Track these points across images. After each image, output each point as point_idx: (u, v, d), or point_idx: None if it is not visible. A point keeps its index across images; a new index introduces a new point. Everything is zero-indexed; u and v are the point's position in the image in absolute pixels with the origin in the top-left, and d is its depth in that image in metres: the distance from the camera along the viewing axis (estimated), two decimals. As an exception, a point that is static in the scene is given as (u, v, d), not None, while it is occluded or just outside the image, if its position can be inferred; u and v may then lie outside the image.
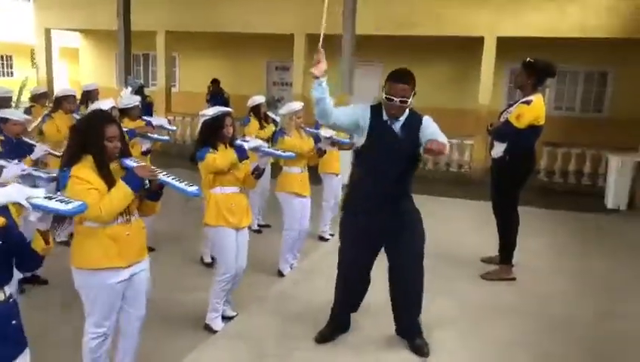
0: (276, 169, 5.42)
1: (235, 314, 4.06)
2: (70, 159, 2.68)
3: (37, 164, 4.18)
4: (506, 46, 9.68)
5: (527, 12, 9.81)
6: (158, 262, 5.32)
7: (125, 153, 2.82)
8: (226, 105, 11.54)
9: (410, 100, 3.12)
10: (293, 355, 3.31)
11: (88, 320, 2.84)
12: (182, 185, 2.80)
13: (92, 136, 2.66)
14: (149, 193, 2.83)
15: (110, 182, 2.67)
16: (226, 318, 4.02)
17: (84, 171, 2.63)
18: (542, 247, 5.75)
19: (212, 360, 3.27)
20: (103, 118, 2.82)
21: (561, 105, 11.64)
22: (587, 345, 3.63)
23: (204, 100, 11.58)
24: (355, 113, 3.24)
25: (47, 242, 2.20)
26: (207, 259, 5.30)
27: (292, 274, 4.86)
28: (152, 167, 2.79)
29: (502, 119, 4.57)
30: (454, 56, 11.56)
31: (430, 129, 3.16)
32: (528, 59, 4.50)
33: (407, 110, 3.20)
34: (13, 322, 2.18)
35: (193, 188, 2.83)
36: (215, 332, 3.82)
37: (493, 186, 4.73)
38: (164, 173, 2.86)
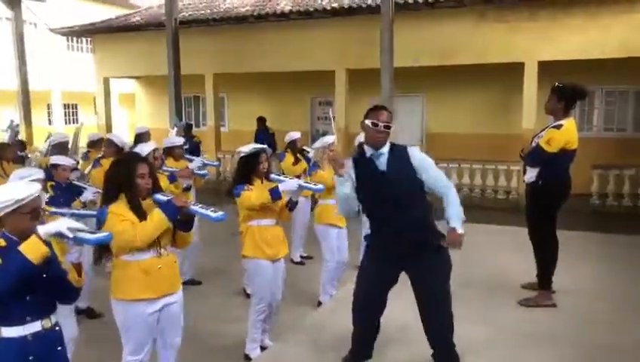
0: (314, 202, 5.59)
1: (271, 343, 4.18)
2: (107, 198, 2.96)
3: (85, 205, 4.48)
4: (549, 69, 9.57)
5: (567, 35, 9.71)
6: (204, 294, 5.58)
7: (156, 189, 3.06)
8: (273, 141, 11.98)
9: (392, 127, 3.25)
10: (324, 383, 3.38)
11: (125, 349, 3.05)
12: (208, 212, 2.98)
13: (124, 175, 2.93)
14: (180, 224, 3.03)
15: (142, 217, 2.90)
16: (264, 348, 4.14)
17: (119, 207, 2.89)
18: (588, 272, 5.57)
19: (245, 387, 3.39)
20: (133, 158, 3.11)
21: (612, 126, 11.29)
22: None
23: (253, 138, 11.99)
24: (350, 177, 3.33)
25: (79, 274, 2.42)
26: (250, 291, 5.46)
27: (328, 304, 4.94)
28: (185, 199, 3.01)
29: (533, 144, 4.56)
30: (497, 83, 11.51)
31: (425, 166, 3.25)
32: (557, 83, 4.50)
33: (389, 143, 3.29)
34: (59, 348, 2.39)
35: (218, 214, 2.99)
36: (252, 361, 3.95)
37: (528, 211, 4.69)
38: (193, 203, 3.07)
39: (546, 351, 3.78)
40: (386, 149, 3.28)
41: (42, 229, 2.16)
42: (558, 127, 4.39)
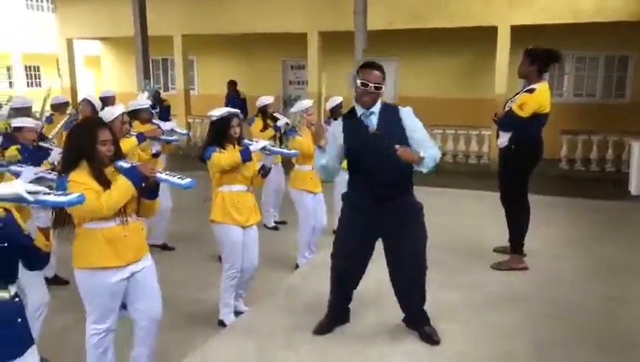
0: (289, 166, 5.52)
1: (247, 309, 4.17)
2: (67, 165, 2.81)
3: (54, 167, 4.33)
4: (521, 34, 9.56)
5: (540, -1, 9.68)
6: (177, 261, 5.51)
7: (119, 156, 2.93)
8: (244, 106, 11.76)
9: (383, 88, 3.19)
10: (300, 348, 3.38)
11: (89, 318, 2.97)
12: (175, 180, 2.88)
13: (85, 141, 2.78)
14: (146, 192, 2.93)
15: (106, 185, 2.77)
16: (239, 313, 4.13)
17: (81, 176, 2.75)
18: (558, 236, 5.70)
19: (219, 354, 3.36)
20: (94, 123, 2.94)
21: (581, 91, 11.43)
22: (597, 331, 3.62)
23: (223, 102, 11.75)
24: (335, 139, 3.29)
25: (47, 238, 2.32)
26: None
27: (303, 269, 4.94)
28: (151, 166, 2.92)
29: (506, 108, 4.55)
30: (469, 47, 11.46)
31: (415, 128, 3.20)
32: (530, 47, 4.47)
33: (380, 102, 3.25)
34: (19, 320, 2.27)
35: (186, 181, 2.89)
36: (227, 327, 3.93)
37: (501, 176, 4.71)
38: (159, 170, 2.97)
39: (517, 312, 3.87)
40: (377, 108, 3.23)
41: None
42: (531, 91, 4.38)
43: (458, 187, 8.28)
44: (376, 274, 3.62)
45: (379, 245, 3.41)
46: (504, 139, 4.52)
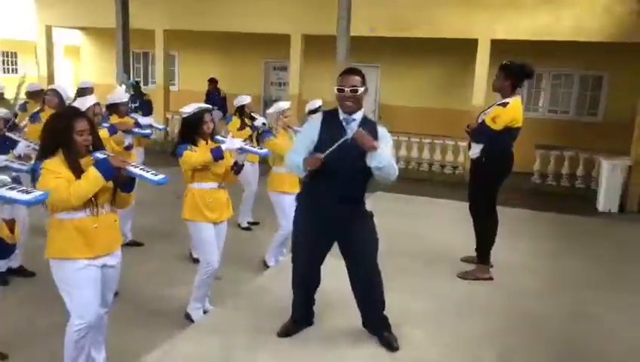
0: (264, 167, 5.51)
1: (212, 307, 4.15)
2: (44, 153, 2.80)
3: (20, 158, 4.25)
4: (501, 49, 9.72)
5: (521, 16, 9.86)
6: (146, 256, 5.45)
7: (97, 147, 2.91)
8: (224, 104, 11.73)
9: (360, 90, 3.18)
10: (262, 348, 3.38)
11: (73, 314, 2.90)
12: (149, 175, 2.87)
13: (62, 130, 2.77)
14: (121, 185, 2.92)
15: (80, 175, 2.75)
16: (204, 312, 4.11)
17: (55, 164, 2.74)
18: (526, 248, 5.80)
19: (182, 352, 3.34)
20: (72, 112, 2.93)
21: (556, 108, 11.67)
22: (556, 342, 3.70)
23: (203, 99, 11.68)
24: (309, 133, 3.28)
25: (11, 231, 2.29)
26: (195, 254, 5.39)
27: (272, 270, 4.94)
28: (124, 159, 2.90)
29: (479, 120, 4.63)
30: (450, 58, 11.62)
31: (386, 146, 3.24)
32: (505, 61, 4.57)
33: (362, 113, 3.27)
34: None
35: (159, 177, 2.89)
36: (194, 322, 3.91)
37: (471, 186, 4.80)
38: (133, 164, 2.95)
39: (481, 321, 3.94)
40: (358, 116, 3.24)
41: None
42: (504, 104, 4.47)
43: (432, 195, 8.38)
44: (342, 276, 3.64)
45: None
46: (476, 150, 4.59)
